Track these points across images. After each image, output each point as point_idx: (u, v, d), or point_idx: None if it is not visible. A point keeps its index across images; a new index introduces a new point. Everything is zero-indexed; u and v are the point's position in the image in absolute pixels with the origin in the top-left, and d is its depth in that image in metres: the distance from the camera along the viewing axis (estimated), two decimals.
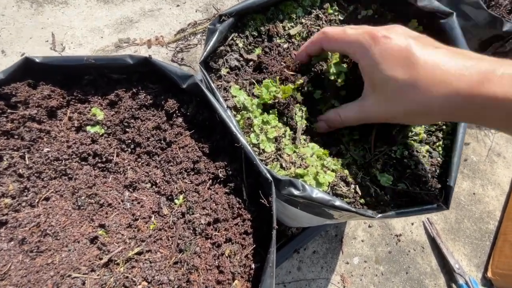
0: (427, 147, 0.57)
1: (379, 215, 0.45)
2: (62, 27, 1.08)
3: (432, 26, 0.63)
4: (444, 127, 0.58)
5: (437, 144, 0.57)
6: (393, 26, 0.40)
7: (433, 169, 0.55)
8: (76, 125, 0.47)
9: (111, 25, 1.12)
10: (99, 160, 0.46)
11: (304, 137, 0.54)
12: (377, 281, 0.90)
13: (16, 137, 0.44)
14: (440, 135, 0.58)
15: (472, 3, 0.72)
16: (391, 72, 0.36)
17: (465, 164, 1.13)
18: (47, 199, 0.41)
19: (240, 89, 0.54)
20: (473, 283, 0.91)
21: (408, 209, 0.48)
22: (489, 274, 0.95)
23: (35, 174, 0.42)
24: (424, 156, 0.56)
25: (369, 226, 0.97)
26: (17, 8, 1.07)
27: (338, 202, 0.44)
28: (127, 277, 0.36)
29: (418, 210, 0.48)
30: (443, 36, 0.61)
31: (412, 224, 1.00)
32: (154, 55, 1.12)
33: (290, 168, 0.49)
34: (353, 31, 0.41)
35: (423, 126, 0.57)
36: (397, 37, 0.37)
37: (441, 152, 0.56)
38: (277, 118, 0.53)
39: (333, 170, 0.49)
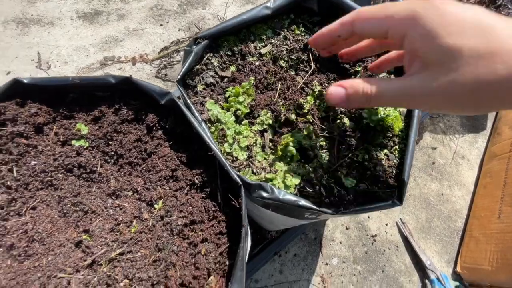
0: (385, 150, 0.64)
1: (340, 212, 0.51)
2: (48, 46, 1.12)
3: None
4: (399, 133, 0.65)
5: (394, 148, 0.64)
6: None
7: (390, 170, 0.61)
8: (61, 139, 0.51)
9: (96, 44, 1.17)
10: (84, 171, 0.49)
11: (271, 144, 0.59)
12: (355, 280, 0.95)
13: (4, 152, 0.47)
14: (396, 140, 0.65)
15: None
16: (460, 41, 0.28)
17: (433, 167, 1.21)
18: (34, 208, 0.45)
19: (215, 103, 0.60)
20: (444, 278, 0.97)
21: (366, 206, 0.54)
22: (458, 269, 1.02)
23: (23, 186, 0.46)
24: (382, 159, 0.63)
25: (347, 228, 1.03)
26: (3, 29, 1.11)
27: (302, 202, 0.49)
28: (109, 276, 0.39)
29: (375, 206, 0.54)
30: None
31: (387, 224, 1.07)
32: (139, 71, 1.17)
33: (260, 173, 0.54)
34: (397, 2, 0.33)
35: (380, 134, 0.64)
36: (456, 2, 0.30)
37: (397, 155, 0.63)
38: (249, 128, 0.59)
39: (299, 174, 0.55)
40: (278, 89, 0.66)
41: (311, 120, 0.62)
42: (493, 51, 0.28)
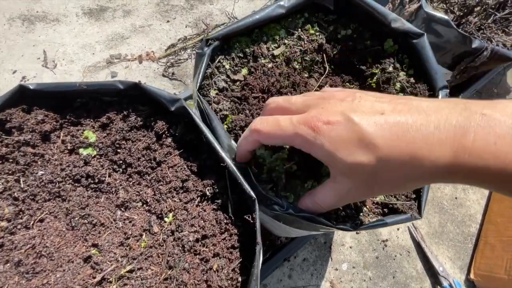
0: None
1: (358, 228, 0.49)
2: (53, 44, 1.10)
3: (406, 45, 0.68)
4: None
5: None
6: (330, 96, 0.35)
7: None
8: (69, 147, 0.49)
9: (102, 42, 1.14)
10: (92, 181, 0.48)
11: None
12: (365, 286, 0.93)
13: (11, 161, 0.46)
14: None
15: (443, 22, 0.77)
16: (354, 159, 0.31)
17: None
18: (41, 220, 0.43)
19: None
20: (457, 285, 0.95)
21: (385, 220, 0.52)
22: (471, 276, 0.99)
23: (30, 197, 0.44)
24: None
25: (357, 233, 1.00)
26: (8, 27, 1.09)
27: (318, 218, 0.47)
28: None
29: (394, 220, 0.52)
30: (416, 55, 0.66)
31: (398, 229, 1.04)
32: (145, 70, 1.15)
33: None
34: (287, 122, 0.35)
35: None
36: (337, 117, 0.31)
37: None
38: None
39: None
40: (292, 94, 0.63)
41: None
42: (381, 166, 0.31)
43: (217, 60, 0.60)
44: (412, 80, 0.66)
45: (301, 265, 0.92)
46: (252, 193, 0.43)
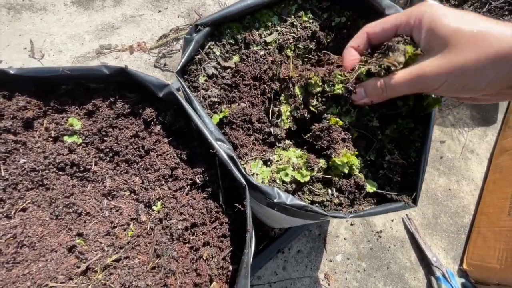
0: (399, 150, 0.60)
1: (350, 215, 0.48)
2: (41, 34, 1.07)
3: None
4: (416, 131, 0.61)
5: (410, 146, 0.60)
6: None
7: (404, 170, 0.58)
8: (53, 135, 0.48)
9: (91, 32, 1.11)
10: (77, 170, 0.46)
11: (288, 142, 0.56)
12: (359, 277, 0.93)
13: None
14: (411, 138, 0.61)
15: None
16: (458, 24, 0.35)
17: (441, 161, 1.18)
18: (24, 210, 0.42)
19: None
20: (450, 275, 0.95)
21: (379, 208, 0.51)
22: (464, 265, 1.00)
23: (11, 186, 0.42)
24: (396, 158, 0.59)
25: (351, 224, 1.00)
26: None
27: (311, 207, 0.46)
28: (105, 284, 0.37)
29: (388, 208, 0.51)
30: None
31: (392, 220, 1.04)
32: (137, 60, 1.12)
33: (272, 165, 0.51)
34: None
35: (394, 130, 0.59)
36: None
37: (411, 154, 0.59)
38: None
39: (312, 170, 0.51)
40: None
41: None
42: (485, 30, 0.34)
43: (207, 46, 0.59)
44: None
45: (295, 257, 0.92)
46: (242, 180, 0.42)
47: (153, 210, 0.44)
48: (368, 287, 0.93)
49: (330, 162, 0.52)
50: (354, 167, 0.51)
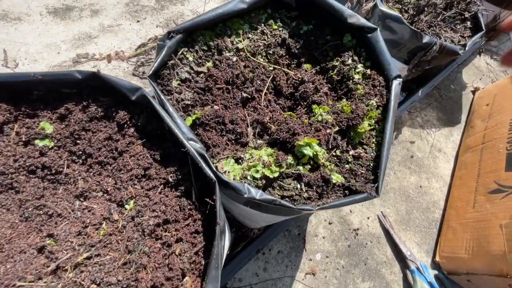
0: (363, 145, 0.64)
1: (317, 207, 0.51)
2: (14, 43, 1.05)
3: (362, 39, 0.72)
4: (376, 126, 0.66)
5: (372, 141, 0.65)
6: None
7: (367, 163, 0.62)
8: (24, 139, 0.48)
9: (68, 41, 1.11)
10: (48, 172, 0.47)
11: (259, 141, 0.59)
12: (338, 274, 0.96)
13: None
14: (373, 133, 0.66)
15: (396, 19, 0.84)
16: None
17: (412, 160, 1.25)
18: None
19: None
20: (424, 267, 1.00)
21: (344, 199, 0.54)
22: (437, 258, 1.05)
23: None
24: (360, 153, 0.63)
25: (329, 223, 1.03)
26: None
27: (279, 201, 0.49)
28: (75, 281, 0.37)
29: (353, 200, 0.54)
30: (371, 48, 0.71)
31: (368, 218, 1.08)
32: (115, 69, 1.13)
33: (243, 163, 0.53)
34: None
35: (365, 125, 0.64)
36: None
37: (374, 148, 0.64)
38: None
39: (280, 166, 0.54)
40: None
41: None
42: None
43: (180, 52, 0.61)
44: (368, 71, 0.70)
45: (276, 257, 0.93)
46: (212, 176, 0.44)
47: (126, 209, 0.45)
48: (347, 284, 0.95)
49: (295, 150, 0.56)
50: (319, 154, 0.54)
